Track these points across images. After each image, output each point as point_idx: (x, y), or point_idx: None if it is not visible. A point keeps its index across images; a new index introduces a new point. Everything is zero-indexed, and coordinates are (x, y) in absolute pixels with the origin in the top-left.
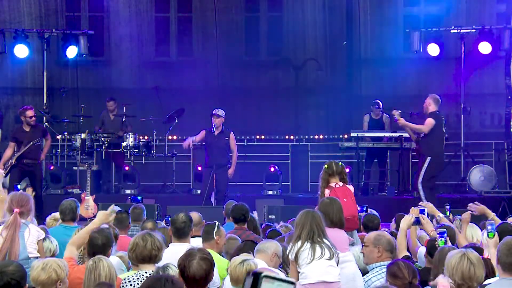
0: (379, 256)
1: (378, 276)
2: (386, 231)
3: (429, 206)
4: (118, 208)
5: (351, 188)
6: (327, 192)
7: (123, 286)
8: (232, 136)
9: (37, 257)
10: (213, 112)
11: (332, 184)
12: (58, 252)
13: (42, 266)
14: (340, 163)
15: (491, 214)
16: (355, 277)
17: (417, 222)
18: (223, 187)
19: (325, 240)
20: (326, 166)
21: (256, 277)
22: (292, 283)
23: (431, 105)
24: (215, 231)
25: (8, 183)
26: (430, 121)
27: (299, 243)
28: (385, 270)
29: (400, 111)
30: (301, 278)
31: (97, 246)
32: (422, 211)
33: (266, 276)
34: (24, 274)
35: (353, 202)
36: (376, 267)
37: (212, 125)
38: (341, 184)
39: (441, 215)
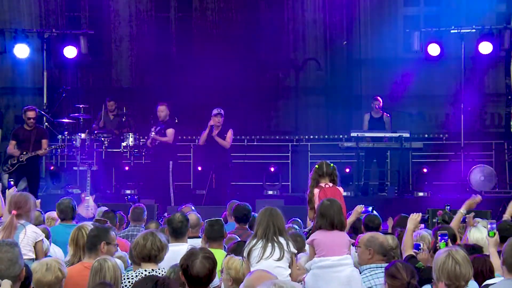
0: (370, 258)
1: (365, 278)
2: (388, 232)
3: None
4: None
5: (341, 189)
6: (316, 191)
7: (122, 283)
8: (230, 132)
9: (31, 259)
10: (218, 112)
11: (322, 184)
12: (49, 252)
13: (47, 267)
14: (332, 164)
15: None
16: (350, 281)
17: (424, 221)
18: (224, 186)
19: (280, 239)
20: (317, 166)
21: None
22: None
23: (168, 115)
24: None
25: (6, 182)
26: (172, 131)
27: (254, 240)
28: (374, 272)
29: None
30: None
31: (88, 238)
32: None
33: None
34: (30, 274)
35: (342, 202)
36: (365, 269)
37: (211, 125)
38: (331, 185)
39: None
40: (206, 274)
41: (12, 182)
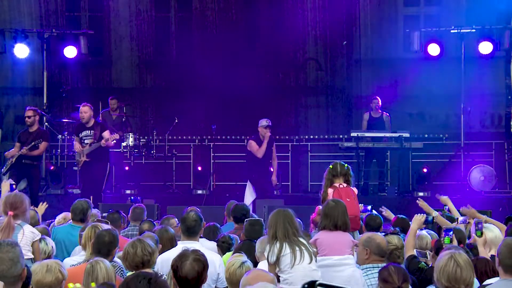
0: (367, 258)
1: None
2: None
3: (425, 205)
4: None
5: (354, 190)
6: (330, 191)
7: None
8: (274, 144)
9: (30, 259)
10: (268, 123)
11: (336, 185)
12: (54, 253)
13: (47, 269)
14: (346, 165)
15: (483, 217)
16: (350, 281)
17: (428, 222)
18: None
19: (300, 239)
20: (331, 166)
21: (312, 286)
22: None
23: (92, 116)
24: None
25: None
26: (109, 133)
27: (278, 244)
28: (370, 272)
29: None
30: (284, 283)
31: (104, 244)
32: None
33: (321, 285)
34: (30, 274)
35: (356, 202)
36: (363, 269)
37: (261, 136)
38: (345, 185)
39: (437, 213)
40: (194, 277)
41: (14, 186)
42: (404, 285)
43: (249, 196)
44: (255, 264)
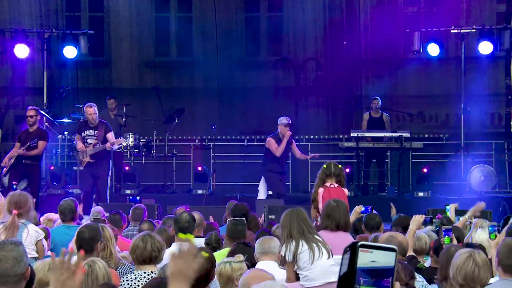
0: None
1: None
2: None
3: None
4: None
5: (345, 191)
6: (321, 190)
7: (121, 285)
8: (294, 143)
9: (34, 258)
10: (289, 122)
11: (327, 184)
12: (47, 252)
13: (49, 267)
14: (340, 165)
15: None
16: None
17: (426, 222)
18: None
19: (315, 236)
20: (325, 166)
21: (354, 249)
22: (393, 249)
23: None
24: None
25: (7, 183)
26: (112, 133)
27: (294, 242)
28: None
29: None
30: (304, 280)
31: (85, 240)
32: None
33: (363, 246)
34: (34, 274)
35: (346, 203)
36: None
37: (281, 134)
38: (336, 185)
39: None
40: (203, 274)
41: (15, 185)
42: (411, 281)
43: (263, 193)
44: (253, 265)
